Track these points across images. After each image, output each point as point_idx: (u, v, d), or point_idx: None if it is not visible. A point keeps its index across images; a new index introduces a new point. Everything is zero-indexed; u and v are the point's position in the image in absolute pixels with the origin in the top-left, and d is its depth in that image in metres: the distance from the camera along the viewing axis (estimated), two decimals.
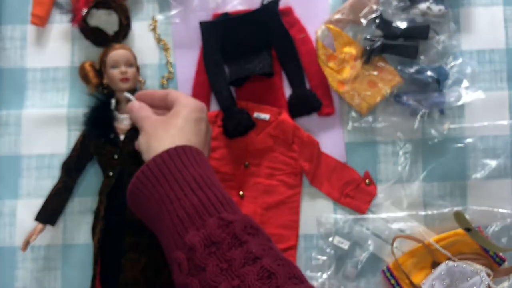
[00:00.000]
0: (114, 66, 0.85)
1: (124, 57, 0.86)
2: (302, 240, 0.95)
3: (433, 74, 0.93)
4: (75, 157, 0.88)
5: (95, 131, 0.84)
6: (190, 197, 0.56)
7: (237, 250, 0.51)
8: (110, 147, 0.83)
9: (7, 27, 0.98)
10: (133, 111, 0.73)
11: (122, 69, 0.85)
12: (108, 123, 0.84)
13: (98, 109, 0.85)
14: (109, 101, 0.85)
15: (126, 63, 0.86)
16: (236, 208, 0.57)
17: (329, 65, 0.95)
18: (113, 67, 0.85)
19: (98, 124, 0.84)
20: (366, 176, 0.96)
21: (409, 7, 0.95)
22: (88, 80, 0.88)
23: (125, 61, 0.86)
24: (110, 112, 0.85)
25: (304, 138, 0.95)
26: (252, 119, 0.94)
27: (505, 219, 0.94)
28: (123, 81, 0.85)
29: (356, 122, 0.96)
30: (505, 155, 0.96)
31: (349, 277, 0.93)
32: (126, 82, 0.85)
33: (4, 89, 0.97)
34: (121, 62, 0.85)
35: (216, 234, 0.52)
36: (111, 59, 0.85)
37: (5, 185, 0.95)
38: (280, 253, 0.54)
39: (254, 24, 0.96)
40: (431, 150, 0.96)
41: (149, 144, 0.65)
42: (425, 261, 0.93)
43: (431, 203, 0.96)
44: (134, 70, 0.87)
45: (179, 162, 0.59)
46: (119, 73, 0.85)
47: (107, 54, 0.86)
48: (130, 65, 0.86)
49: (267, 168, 0.95)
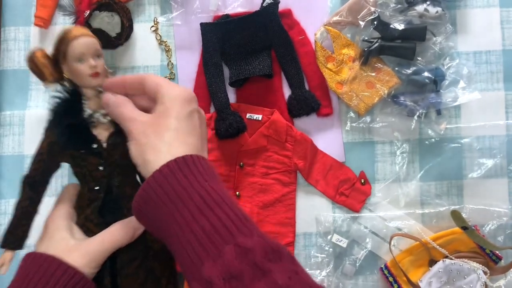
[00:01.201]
0: (80, 60, 0.68)
1: (91, 47, 0.68)
2: (301, 238, 0.96)
3: (430, 75, 0.94)
4: (40, 170, 0.71)
5: (72, 142, 0.69)
6: (201, 221, 0.50)
7: (260, 282, 0.46)
8: (93, 158, 0.69)
9: (10, 29, 1.00)
10: (109, 106, 0.64)
11: (91, 63, 0.68)
12: (86, 130, 0.69)
13: (67, 112, 0.69)
14: (79, 101, 0.70)
15: (94, 54, 0.69)
16: (252, 226, 0.51)
17: (328, 66, 0.96)
18: (79, 61, 0.68)
19: (74, 132, 0.69)
20: (362, 176, 0.97)
21: (406, 9, 0.96)
22: (42, 75, 0.70)
23: (93, 52, 0.69)
24: (85, 115, 0.70)
25: (297, 136, 0.96)
26: (244, 122, 0.95)
27: (501, 218, 0.95)
28: (93, 77, 0.68)
29: (354, 122, 0.97)
30: (501, 155, 0.97)
31: (348, 275, 0.94)
32: (97, 77, 0.69)
33: (8, 90, 0.98)
34: (88, 54, 0.68)
35: (235, 265, 0.47)
36: (75, 51, 0.68)
37: (9, 185, 0.97)
38: (308, 276, 0.49)
39: (254, 26, 0.97)
40: (428, 150, 0.97)
41: (144, 157, 0.57)
42: (422, 259, 0.94)
43: (428, 202, 0.97)
44: (102, 60, 0.71)
45: (182, 177, 0.52)
46: (88, 68, 0.68)
47: (67, 43, 0.68)
48: (99, 56, 0.70)
49: (262, 168, 0.97)
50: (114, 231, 0.63)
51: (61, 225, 0.65)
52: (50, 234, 0.64)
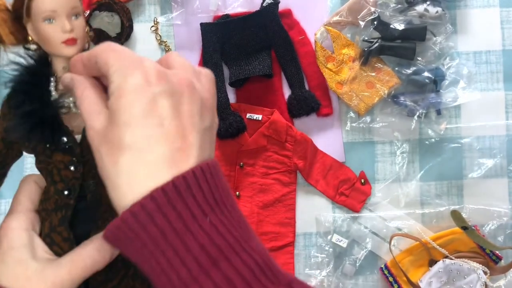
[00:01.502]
0: (49, 19, 0.52)
1: (66, 2, 0.52)
2: (301, 238, 0.96)
3: (430, 75, 0.94)
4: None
5: (33, 132, 0.52)
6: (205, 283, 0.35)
7: None
8: (61, 155, 0.53)
9: None
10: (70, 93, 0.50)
11: (65, 25, 0.51)
12: (53, 118, 0.52)
13: (29, 91, 0.53)
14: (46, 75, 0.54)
15: (71, 12, 0.52)
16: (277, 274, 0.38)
17: (328, 66, 0.96)
18: (48, 21, 0.52)
19: (37, 119, 0.51)
20: (362, 176, 0.97)
21: (406, 9, 0.96)
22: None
23: (69, 8, 0.52)
24: (51, 97, 0.53)
25: (297, 136, 0.96)
26: (244, 122, 0.95)
27: (501, 218, 0.95)
28: (67, 44, 0.52)
29: (354, 122, 0.97)
30: (501, 154, 0.97)
31: (348, 275, 0.94)
32: (73, 45, 0.52)
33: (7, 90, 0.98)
34: (62, 12, 0.52)
35: None
36: (42, 7, 0.51)
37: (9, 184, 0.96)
38: None
39: (254, 26, 0.97)
40: (428, 150, 0.97)
41: (108, 186, 0.39)
42: (422, 259, 0.94)
43: (428, 202, 0.97)
44: (82, 21, 0.53)
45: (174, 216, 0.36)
46: (60, 30, 0.52)
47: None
48: (77, 15, 0.53)
49: (262, 168, 0.97)
50: (87, 254, 0.47)
51: (17, 240, 0.49)
52: (3, 254, 0.48)
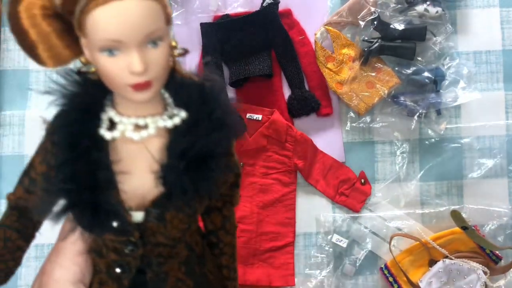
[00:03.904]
0: (109, 50, 0.38)
1: (142, 28, 0.37)
2: (301, 238, 0.96)
3: (430, 75, 0.94)
4: (32, 197, 0.50)
5: (67, 215, 0.43)
6: None
7: None
8: (114, 237, 0.45)
9: None
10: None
11: (133, 62, 0.38)
12: (97, 193, 0.42)
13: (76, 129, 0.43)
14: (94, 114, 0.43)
15: (145, 41, 0.38)
16: None
17: (328, 66, 0.96)
18: (108, 52, 0.38)
19: (73, 197, 0.42)
20: (362, 176, 0.97)
21: (406, 9, 0.96)
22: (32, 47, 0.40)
23: (142, 36, 0.38)
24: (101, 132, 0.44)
25: (297, 136, 0.96)
26: (244, 122, 0.95)
27: (501, 218, 0.95)
28: (137, 90, 0.40)
29: (354, 122, 0.97)
30: (501, 155, 0.97)
31: (348, 275, 0.94)
32: (145, 90, 0.40)
33: (7, 90, 0.98)
34: (132, 42, 0.37)
35: None
36: (101, 32, 0.37)
37: (9, 185, 0.95)
38: None
39: (254, 26, 0.97)
40: (428, 150, 0.97)
41: None
42: (422, 259, 0.94)
43: (428, 202, 0.97)
44: (164, 48, 0.40)
45: None
46: (127, 69, 0.38)
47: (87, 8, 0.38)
48: (154, 42, 0.39)
49: (262, 168, 0.97)
50: None
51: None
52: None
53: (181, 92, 0.46)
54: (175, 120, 0.46)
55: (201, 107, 0.46)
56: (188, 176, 0.44)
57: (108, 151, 0.44)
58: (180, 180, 0.43)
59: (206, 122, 0.45)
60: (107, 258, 0.47)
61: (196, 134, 0.45)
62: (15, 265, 0.53)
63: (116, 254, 0.46)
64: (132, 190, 0.44)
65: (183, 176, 0.43)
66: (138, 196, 0.44)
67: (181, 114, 0.46)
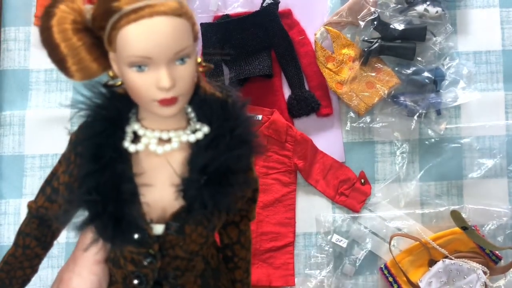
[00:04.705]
0: (139, 65, 0.39)
1: (171, 46, 0.39)
2: (301, 238, 0.96)
3: (430, 75, 0.94)
4: (55, 207, 0.50)
5: (90, 226, 0.44)
6: None
7: None
8: (135, 249, 0.46)
9: (11, 29, 1.00)
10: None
11: (161, 78, 0.39)
12: (120, 205, 0.43)
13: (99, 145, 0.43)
14: (119, 126, 0.44)
15: (173, 59, 0.40)
16: None
17: (328, 66, 0.96)
18: (137, 67, 0.40)
19: (97, 208, 0.43)
20: (362, 176, 0.97)
21: (406, 9, 0.96)
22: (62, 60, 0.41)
23: (171, 55, 0.39)
24: (125, 146, 0.44)
25: (297, 137, 0.96)
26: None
27: (501, 218, 0.95)
28: (163, 105, 0.41)
29: (354, 122, 0.97)
30: (501, 155, 0.97)
31: (347, 275, 0.95)
32: (172, 105, 0.41)
33: (8, 90, 0.98)
34: (161, 60, 0.39)
35: None
36: (131, 48, 0.38)
37: (9, 185, 0.97)
38: None
39: (254, 26, 0.97)
40: (428, 150, 0.97)
41: None
42: (422, 259, 0.94)
43: (428, 202, 0.97)
44: (191, 65, 0.42)
45: None
46: (155, 85, 0.40)
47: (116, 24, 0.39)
48: (182, 59, 0.41)
49: (262, 168, 0.97)
50: None
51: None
52: None
53: (204, 107, 0.47)
54: (198, 135, 0.47)
55: (223, 123, 0.47)
56: (208, 191, 0.44)
57: (131, 164, 0.44)
58: (200, 194, 0.44)
59: (227, 138, 0.46)
60: (125, 269, 0.48)
61: (218, 149, 0.45)
62: (32, 272, 0.54)
63: (134, 265, 0.47)
64: (153, 203, 0.45)
65: (203, 191, 0.44)
66: (159, 209, 0.45)
67: (204, 129, 0.47)
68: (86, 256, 0.47)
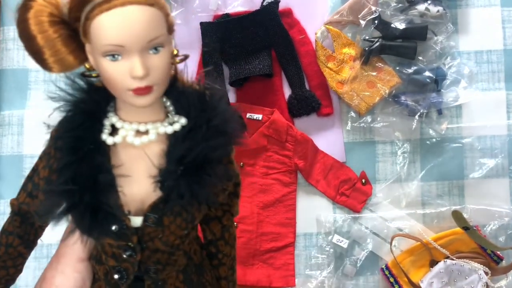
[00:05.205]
0: (112, 55, 0.40)
1: (143, 33, 0.39)
2: (301, 238, 0.96)
3: (431, 75, 0.94)
4: (35, 202, 0.49)
5: (67, 216, 0.44)
6: None
7: None
8: (113, 241, 0.46)
9: (9, 29, 0.99)
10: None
11: (135, 67, 0.39)
12: (98, 196, 0.43)
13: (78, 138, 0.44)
14: (97, 119, 0.45)
15: (147, 47, 0.40)
16: None
17: (328, 66, 0.96)
18: (110, 56, 0.40)
19: (74, 198, 0.43)
20: (362, 176, 0.97)
21: (407, 8, 0.96)
22: (39, 52, 0.41)
23: (144, 43, 0.39)
24: (103, 138, 0.45)
25: (297, 136, 0.96)
26: (243, 122, 0.94)
27: (503, 218, 0.95)
28: (138, 94, 0.41)
29: (355, 122, 0.97)
30: (503, 155, 0.97)
31: (348, 275, 0.94)
32: (146, 94, 0.41)
33: (6, 90, 0.98)
34: (133, 48, 0.39)
35: None
36: (104, 36, 0.39)
37: (7, 185, 0.96)
38: None
39: (254, 25, 0.96)
40: (429, 150, 0.97)
41: None
42: (423, 260, 0.94)
43: (429, 202, 0.96)
44: (165, 54, 0.42)
45: None
46: (128, 74, 0.40)
47: (90, 13, 0.40)
48: (156, 48, 0.41)
49: (262, 168, 0.96)
50: None
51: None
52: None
53: (182, 99, 0.48)
54: (175, 127, 0.47)
55: (200, 114, 0.47)
56: (185, 181, 0.44)
57: (109, 156, 0.45)
58: (177, 184, 0.44)
59: (204, 128, 0.46)
60: (106, 264, 0.48)
61: (195, 140, 0.46)
62: (16, 272, 0.54)
63: (115, 260, 0.47)
64: (131, 194, 0.45)
65: (180, 181, 0.44)
66: (137, 201, 0.46)
67: (181, 121, 0.48)
68: (70, 254, 0.48)
